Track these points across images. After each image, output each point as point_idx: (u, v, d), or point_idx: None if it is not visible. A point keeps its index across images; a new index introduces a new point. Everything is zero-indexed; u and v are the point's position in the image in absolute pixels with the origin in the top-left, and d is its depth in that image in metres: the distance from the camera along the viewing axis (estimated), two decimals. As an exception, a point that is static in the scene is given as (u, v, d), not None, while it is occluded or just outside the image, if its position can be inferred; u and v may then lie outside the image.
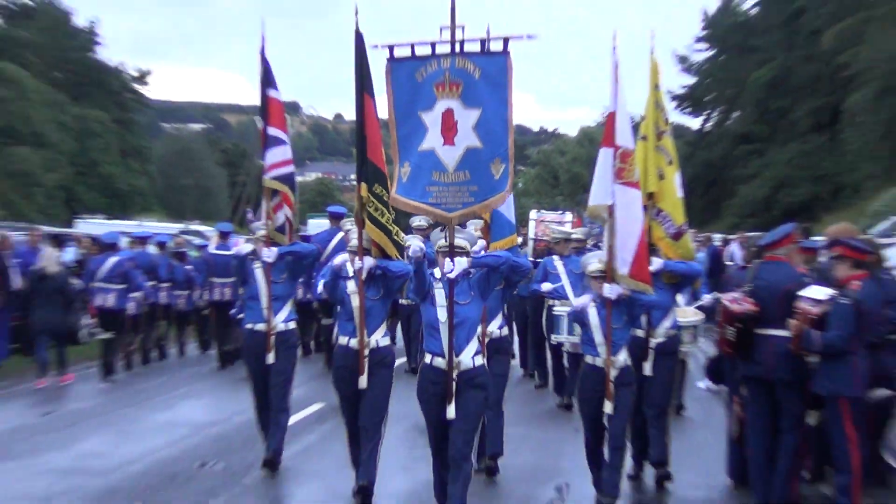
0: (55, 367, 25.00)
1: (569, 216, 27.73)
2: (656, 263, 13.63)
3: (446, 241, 11.71)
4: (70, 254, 32.14)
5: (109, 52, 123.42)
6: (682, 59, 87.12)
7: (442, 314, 11.57)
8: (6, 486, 14.85)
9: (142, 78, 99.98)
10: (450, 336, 11.50)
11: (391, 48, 11.96)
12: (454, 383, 11.54)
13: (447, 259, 11.57)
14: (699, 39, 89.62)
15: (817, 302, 13.07)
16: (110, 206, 79.03)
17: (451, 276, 11.41)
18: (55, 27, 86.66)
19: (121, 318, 26.20)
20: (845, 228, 15.84)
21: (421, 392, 11.97)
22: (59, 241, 33.65)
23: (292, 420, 17.23)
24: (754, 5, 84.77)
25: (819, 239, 17.14)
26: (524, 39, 11.88)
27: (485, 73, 11.49)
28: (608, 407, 12.80)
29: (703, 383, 22.16)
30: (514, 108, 11.45)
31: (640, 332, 14.01)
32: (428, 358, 11.82)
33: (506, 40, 11.58)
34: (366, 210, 12.63)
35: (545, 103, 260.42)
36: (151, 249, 29.70)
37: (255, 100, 14.63)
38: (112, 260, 25.98)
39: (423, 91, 11.54)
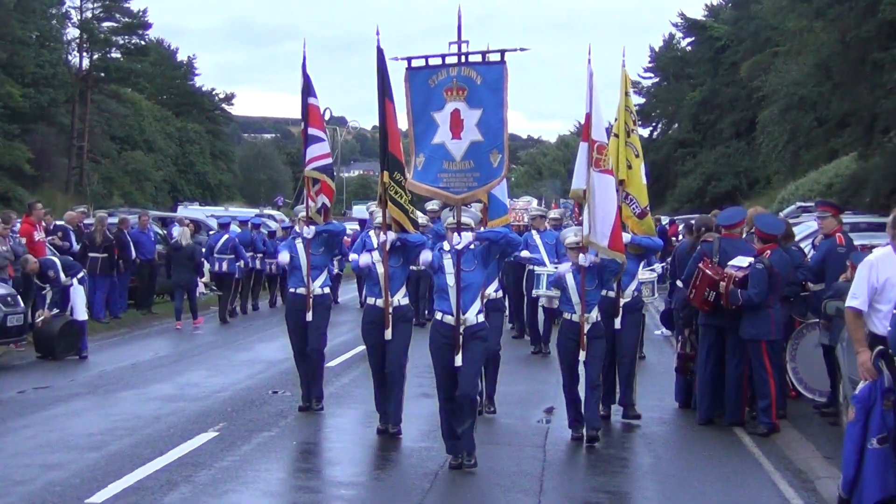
0: (189, 313, 26.42)
1: (534, 202, 27.63)
2: (625, 237, 13.26)
3: (454, 218, 11.62)
4: (175, 231, 32.27)
5: (203, 80, 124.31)
6: (635, 84, 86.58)
7: (451, 280, 11.43)
8: (124, 410, 14.83)
9: (228, 99, 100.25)
10: (457, 298, 11.40)
11: (409, 60, 12.06)
12: (461, 336, 11.35)
13: (455, 233, 11.48)
14: (647, 70, 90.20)
15: (741, 268, 13.74)
16: (203, 195, 79.25)
17: (459, 247, 11.34)
18: (163, 61, 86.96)
19: (230, 280, 27.91)
20: (758, 211, 16.80)
21: (433, 343, 11.71)
22: (165, 223, 34.43)
23: (333, 363, 17.75)
24: (689, 43, 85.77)
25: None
26: (518, 52, 11.85)
27: (485, 80, 11.60)
28: (582, 355, 12.63)
29: (659, 331, 23.12)
30: (508, 115, 11.54)
31: (611, 294, 13.77)
32: (439, 315, 11.65)
33: (502, 52, 11.70)
34: (388, 193, 12.47)
35: (531, 118, 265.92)
36: (237, 228, 30.68)
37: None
38: (225, 237, 27.72)
39: (435, 95, 11.67)
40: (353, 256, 14.30)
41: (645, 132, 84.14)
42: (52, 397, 15.95)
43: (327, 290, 15.39)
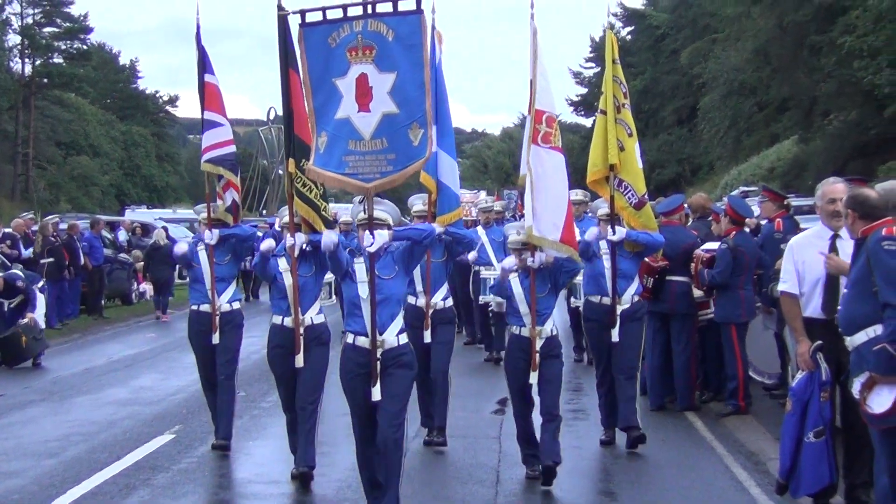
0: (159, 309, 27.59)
1: (482, 194, 26.57)
2: (619, 233, 11.17)
3: (365, 213, 8.73)
4: (122, 235, 32.33)
5: (147, 82, 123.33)
6: (577, 74, 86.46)
7: (363, 290, 8.75)
8: (79, 415, 14.69)
9: (172, 101, 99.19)
10: (372, 313, 8.63)
11: (303, 13, 9.36)
12: (378, 363, 8.70)
13: (366, 232, 8.60)
14: (588, 59, 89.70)
15: (709, 251, 13.78)
16: (150, 198, 78.73)
17: (371, 249, 8.51)
18: (105, 65, 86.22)
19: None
20: (702, 197, 17.34)
21: (344, 373, 8.96)
22: (113, 226, 33.81)
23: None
24: (629, 32, 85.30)
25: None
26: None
27: (398, 35, 8.72)
28: (532, 377, 10.11)
29: None
30: (430, 79, 8.77)
31: (606, 301, 11.40)
32: (350, 338, 8.87)
33: None
34: (294, 186, 9.91)
35: (474, 110, 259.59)
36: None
37: (258, 114, 13.28)
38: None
39: (337, 56, 8.76)
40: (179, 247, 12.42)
41: (588, 122, 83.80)
42: (6, 405, 15.79)
43: (237, 304, 12.47)
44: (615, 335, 11.20)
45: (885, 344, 7.48)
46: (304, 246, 9.98)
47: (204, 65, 11.86)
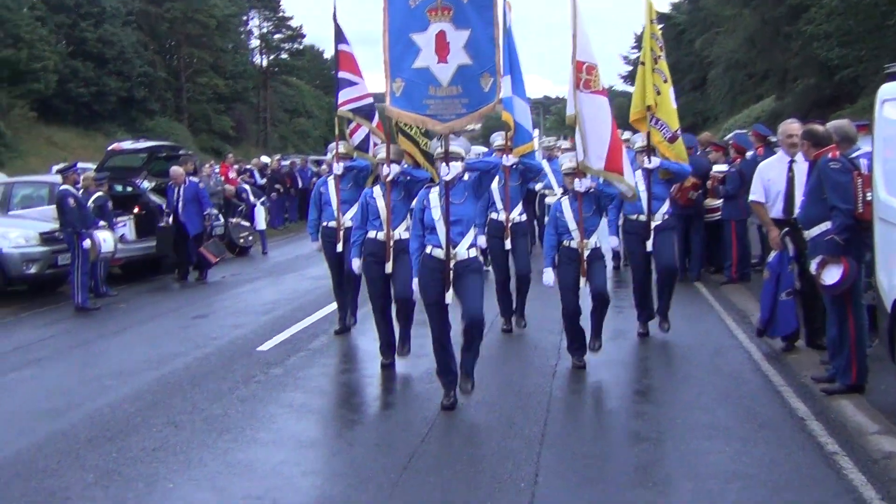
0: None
1: (536, 132, 25.14)
2: (654, 162, 9.80)
3: (443, 148, 7.51)
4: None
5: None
6: (625, 57, 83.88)
7: (436, 213, 7.49)
8: (288, 286, 14.43)
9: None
10: (446, 230, 7.39)
11: None
12: (451, 272, 7.42)
13: (443, 164, 7.43)
14: (633, 47, 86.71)
15: (720, 172, 13.42)
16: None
17: (447, 178, 7.34)
18: (315, 58, 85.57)
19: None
20: (707, 135, 17.40)
21: (421, 277, 7.61)
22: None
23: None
24: (660, 28, 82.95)
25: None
26: None
27: None
28: (582, 281, 8.66)
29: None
30: (500, 36, 7.46)
31: (642, 217, 9.90)
32: (428, 249, 7.55)
33: None
34: (398, 125, 8.40)
35: (557, 83, 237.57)
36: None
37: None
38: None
39: (417, 16, 7.39)
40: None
41: (632, 89, 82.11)
42: (240, 280, 15.70)
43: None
44: (649, 246, 9.86)
45: (834, 235, 7.19)
46: (398, 176, 8.61)
47: (339, 36, 10.66)
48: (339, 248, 10.29)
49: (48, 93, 38.38)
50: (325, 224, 10.50)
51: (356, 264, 8.92)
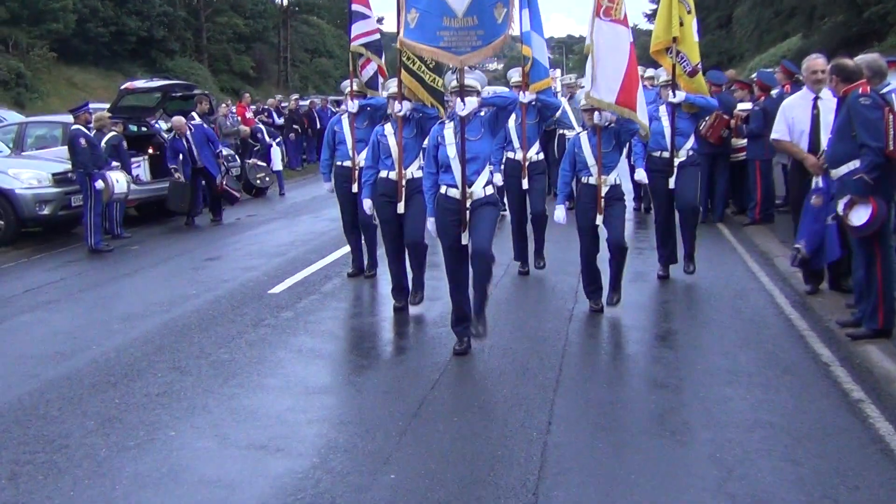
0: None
1: (558, 72, 24.06)
2: (679, 96, 9.25)
3: (458, 82, 7.00)
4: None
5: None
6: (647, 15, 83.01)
7: (451, 151, 7.03)
8: (303, 228, 14.24)
9: (379, 20, 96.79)
10: (462, 168, 6.97)
11: None
12: (467, 212, 7.07)
13: (458, 98, 6.97)
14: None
15: (745, 111, 12.95)
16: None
17: (462, 113, 6.89)
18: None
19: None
20: (733, 72, 17.26)
21: (438, 216, 7.23)
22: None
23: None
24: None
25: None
26: None
27: None
28: (599, 219, 8.15)
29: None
30: None
31: (665, 154, 9.44)
32: (443, 189, 7.13)
33: None
34: (401, 58, 7.71)
35: (580, 22, 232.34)
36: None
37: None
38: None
39: None
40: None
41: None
42: (257, 221, 15.49)
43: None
44: (672, 182, 9.41)
45: (863, 174, 6.78)
46: (409, 113, 8.11)
47: None
48: (355, 188, 9.86)
49: (67, 33, 37.98)
50: (339, 163, 10.02)
51: (367, 205, 8.61)
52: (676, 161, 9.42)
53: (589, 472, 4.92)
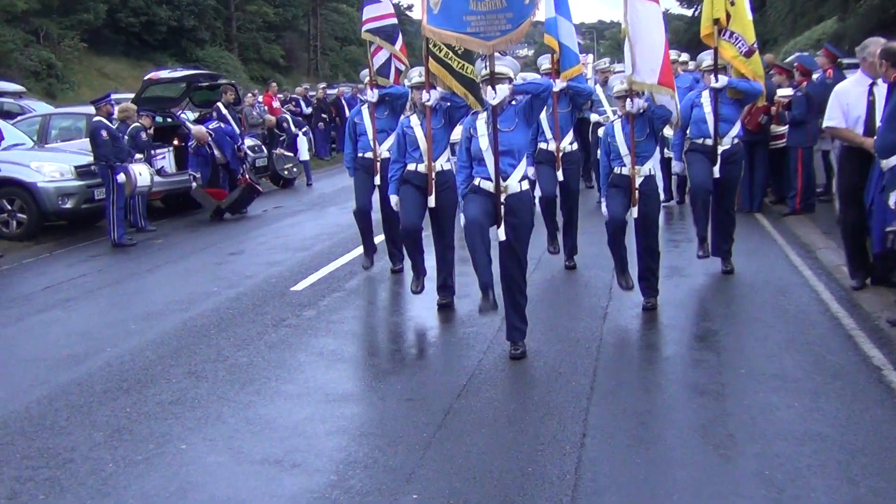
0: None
1: (590, 57, 23.18)
2: (722, 81, 8.77)
3: (488, 69, 6.43)
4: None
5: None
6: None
7: (483, 142, 6.51)
8: (330, 220, 13.94)
9: (408, 7, 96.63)
10: (495, 160, 6.45)
11: None
12: (502, 207, 6.53)
13: (489, 87, 6.41)
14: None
15: (786, 96, 12.33)
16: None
17: (493, 102, 6.36)
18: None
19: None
20: (770, 56, 15.93)
21: (468, 214, 6.62)
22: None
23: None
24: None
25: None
26: None
27: None
28: (634, 212, 7.68)
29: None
30: None
31: (708, 142, 8.87)
32: (476, 181, 6.63)
33: None
34: (427, 46, 7.25)
35: (610, 7, 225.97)
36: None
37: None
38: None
39: None
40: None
41: (688, 12, 79.32)
42: (283, 213, 15.19)
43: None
44: (716, 172, 8.83)
45: None
46: (436, 104, 7.63)
47: None
48: (377, 180, 9.40)
49: (98, 23, 37.92)
50: (360, 155, 9.55)
51: (394, 201, 8.21)
52: (720, 149, 8.89)
53: (627, 493, 4.54)
